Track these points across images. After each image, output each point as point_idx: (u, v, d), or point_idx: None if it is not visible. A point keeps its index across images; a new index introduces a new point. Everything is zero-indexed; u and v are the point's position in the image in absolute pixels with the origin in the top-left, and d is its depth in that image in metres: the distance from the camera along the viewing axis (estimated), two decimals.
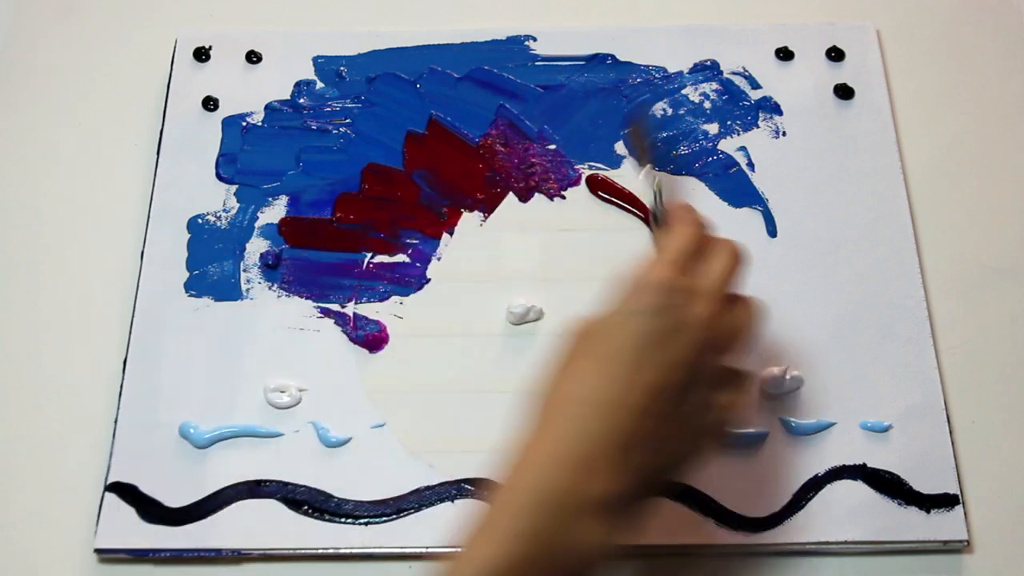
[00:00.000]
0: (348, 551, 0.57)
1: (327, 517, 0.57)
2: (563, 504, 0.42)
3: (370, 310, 0.63)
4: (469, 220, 0.66)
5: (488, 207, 0.66)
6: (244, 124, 0.69)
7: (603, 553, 0.43)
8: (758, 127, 0.68)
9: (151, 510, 0.57)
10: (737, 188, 0.66)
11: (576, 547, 0.42)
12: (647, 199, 0.56)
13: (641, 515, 0.45)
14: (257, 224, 0.66)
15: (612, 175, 0.67)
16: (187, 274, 0.64)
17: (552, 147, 0.68)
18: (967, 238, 0.66)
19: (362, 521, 0.57)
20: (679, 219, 0.49)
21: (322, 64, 0.71)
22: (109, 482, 0.58)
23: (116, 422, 0.60)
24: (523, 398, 0.46)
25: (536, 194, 0.67)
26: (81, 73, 0.72)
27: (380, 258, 0.65)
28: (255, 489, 0.58)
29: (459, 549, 0.43)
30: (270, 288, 0.64)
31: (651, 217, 0.53)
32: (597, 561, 0.43)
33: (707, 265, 0.48)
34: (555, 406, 0.45)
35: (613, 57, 0.71)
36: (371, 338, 0.62)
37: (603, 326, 0.46)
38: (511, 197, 0.66)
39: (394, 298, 0.63)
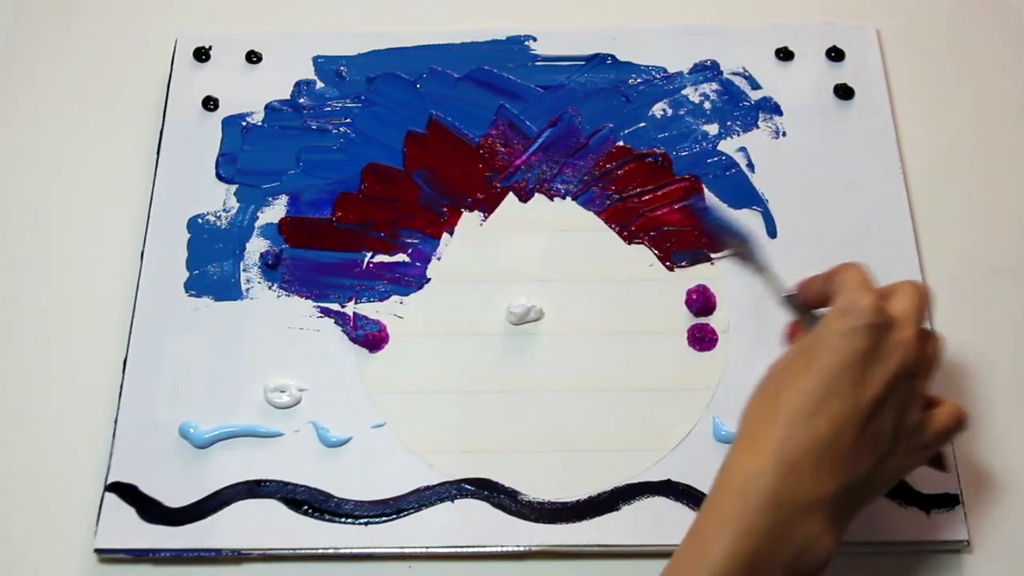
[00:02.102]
0: (348, 551, 0.57)
1: (327, 517, 0.57)
2: (781, 504, 0.45)
3: (370, 310, 0.63)
4: (469, 220, 0.66)
5: (488, 207, 0.66)
6: (244, 124, 0.69)
7: (824, 550, 0.46)
8: (758, 127, 0.68)
9: (151, 510, 0.57)
10: (737, 189, 0.66)
11: (798, 544, 0.45)
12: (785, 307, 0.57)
13: (855, 517, 0.48)
14: (257, 224, 0.66)
15: None
16: (187, 274, 0.64)
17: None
18: (967, 238, 0.66)
19: (362, 521, 0.57)
20: (845, 267, 0.51)
21: (322, 64, 0.71)
22: (109, 482, 0.58)
23: (116, 422, 0.60)
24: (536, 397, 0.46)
25: (536, 194, 0.67)
26: (81, 73, 0.72)
27: (380, 258, 0.65)
28: (255, 489, 0.58)
29: (682, 549, 0.46)
30: (270, 288, 0.64)
31: (790, 306, 0.55)
32: (818, 558, 0.46)
33: (896, 300, 0.50)
34: (769, 416, 0.47)
35: (613, 57, 0.71)
36: (371, 338, 0.62)
37: (818, 345, 0.48)
38: (511, 197, 0.66)
39: (394, 298, 0.63)
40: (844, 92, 0.69)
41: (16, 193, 0.68)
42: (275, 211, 0.66)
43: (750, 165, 0.67)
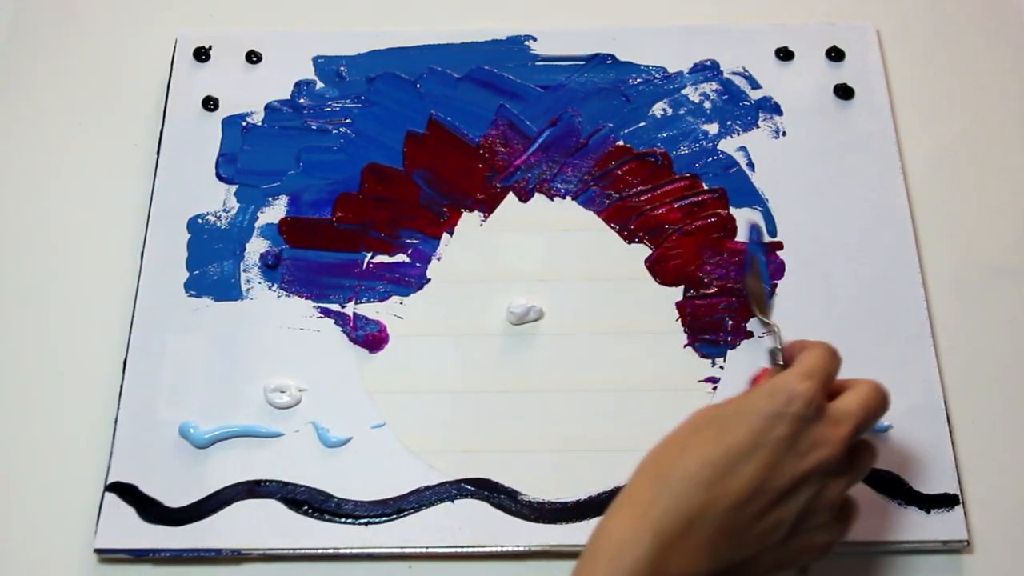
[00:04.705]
0: (348, 551, 0.57)
1: (327, 517, 0.57)
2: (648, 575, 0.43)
3: (370, 310, 0.63)
4: (469, 220, 0.66)
5: (488, 207, 0.66)
6: (244, 124, 0.69)
7: None
8: (758, 127, 0.68)
9: (151, 510, 0.57)
10: (737, 188, 0.66)
11: None
12: (766, 341, 0.57)
13: None
14: (257, 224, 0.66)
15: None
16: (187, 274, 0.64)
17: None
18: (967, 238, 0.66)
19: (362, 521, 0.57)
20: (819, 345, 0.49)
21: (322, 64, 0.71)
22: (109, 482, 0.58)
23: (116, 422, 0.60)
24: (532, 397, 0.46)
25: (536, 194, 0.67)
26: (81, 73, 0.72)
27: (380, 258, 0.65)
28: (255, 489, 0.58)
29: None
30: (270, 288, 0.64)
31: (771, 357, 0.54)
32: None
33: (847, 396, 0.48)
34: (661, 477, 0.45)
35: (613, 57, 0.71)
36: (371, 338, 0.62)
37: (738, 418, 0.46)
38: (511, 197, 0.66)
39: (394, 298, 0.63)
40: (844, 92, 0.69)
41: (16, 193, 0.68)
42: (275, 211, 0.66)
43: (750, 164, 0.67)
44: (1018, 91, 0.71)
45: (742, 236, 0.64)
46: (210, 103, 0.69)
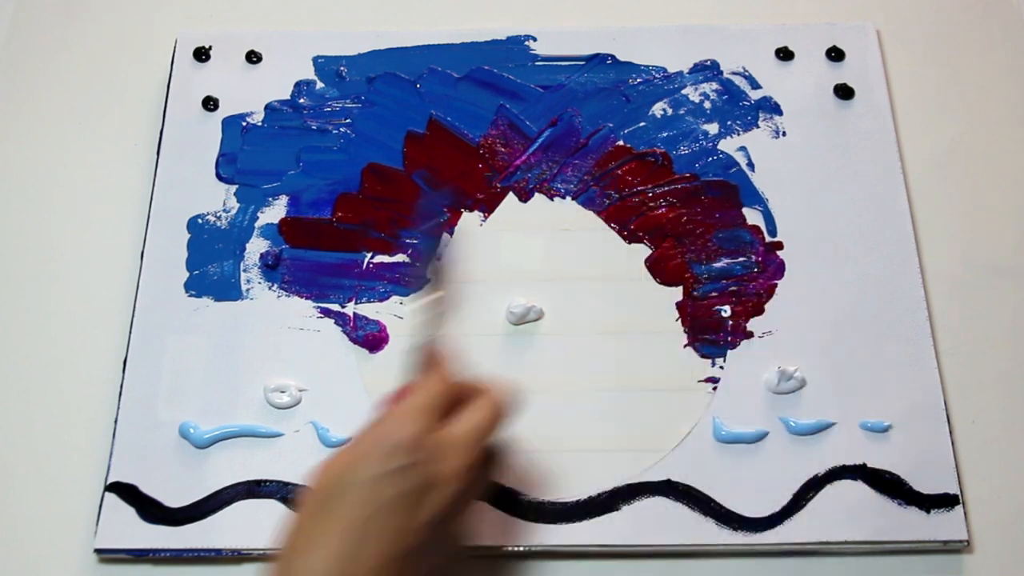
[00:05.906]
0: None
1: None
2: None
3: (370, 310, 0.63)
4: (469, 220, 0.66)
5: (488, 207, 0.66)
6: (244, 124, 0.69)
7: None
8: (758, 127, 0.68)
9: (151, 510, 0.57)
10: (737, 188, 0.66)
11: None
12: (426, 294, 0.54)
13: None
14: (257, 224, 0.66)
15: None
16: (187, 274, 0.64)
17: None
18: (967, 238, 0.66)
19: None
20: (435, 367, 0.49)
21: (322, 64, 0.71)
22: (109, 482, 0.58)
23: (116, 422, 0.60)
24: None
25: (536, 194, 0.67)
26: (81, 73, 0.72)
27: (380, 258, 0.65)
28: (255, 489, 0.58)
29: None
30: (270, 288, 0.64)
31: (414, 352, 0.51)
32: None
33: (465, 414, 0.48)
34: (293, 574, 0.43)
35: (613, 57, 0.71)
36: (371, 338, 0.62)
37: (345, 486, 0.44)
38: (511, 197, 0.66)
39: (394, 298, 0.63)
40: (844, 92, 0.69)
41: (16, 193, 0.68)
42: (275, 211, 0.66)
43: (750, 164, 0.67)
44: (1018, 91, 0.71)
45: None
46: (210, 103, 0.69)
